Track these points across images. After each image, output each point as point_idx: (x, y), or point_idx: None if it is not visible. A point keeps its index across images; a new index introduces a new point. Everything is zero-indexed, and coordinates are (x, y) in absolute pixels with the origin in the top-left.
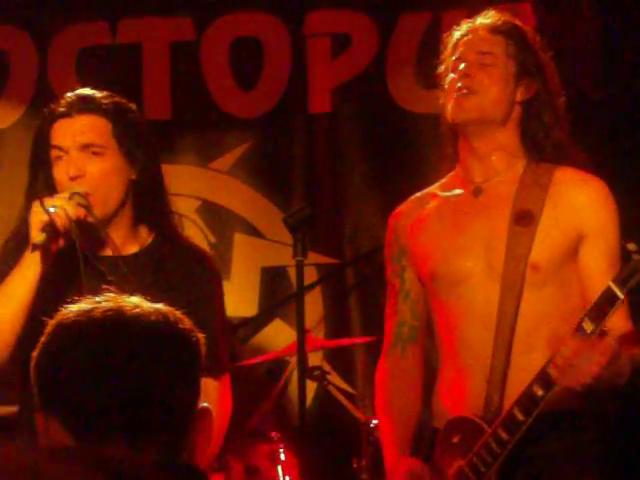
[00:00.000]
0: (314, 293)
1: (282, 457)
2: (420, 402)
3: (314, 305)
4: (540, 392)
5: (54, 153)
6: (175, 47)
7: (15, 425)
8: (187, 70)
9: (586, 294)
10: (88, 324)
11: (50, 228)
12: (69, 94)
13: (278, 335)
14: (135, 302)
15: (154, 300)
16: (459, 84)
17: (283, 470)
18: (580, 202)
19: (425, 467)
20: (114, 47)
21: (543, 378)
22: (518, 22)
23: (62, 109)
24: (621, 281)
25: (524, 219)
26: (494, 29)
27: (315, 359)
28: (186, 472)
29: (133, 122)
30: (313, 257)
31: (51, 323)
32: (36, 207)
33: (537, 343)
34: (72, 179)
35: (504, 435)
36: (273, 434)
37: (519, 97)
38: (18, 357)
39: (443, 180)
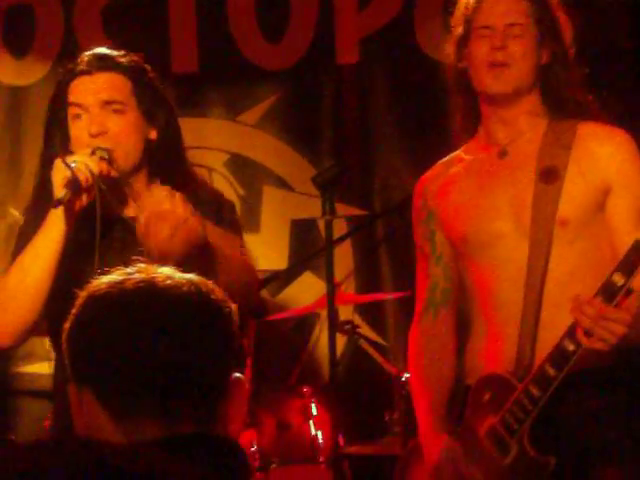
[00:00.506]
0: (344, 245)
1: (314, 412)
2: (454, 365)
3: (344, 258)
4: (571, 347)
5: (73, 111)
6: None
7: (50, 388)
8: (214, 22)
9: (614, 246)
10: (120, 296)
11: (73, 184)
12: (87, 53)
13: (309, 288)
14: (167, 273)
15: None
16: (493, 57)
17: (315, 425)
18: (604, 155)
19: (458, 444)
20: (139, 1)
21: (574, 333)
22: None
23: (81, 67)
24: None
25: (549, 176)
26: None
27: (346, 312)
28: (221, 445)
29: (151, 82)
30: (343, 209)
31: (82, 295)
32: (58, 164)
33: (568, 299)
34: (94, 136)
35: (535, 391)
36: (305, 389)
37: (543, 60)
38: (49, 320)
39: (467, 144)
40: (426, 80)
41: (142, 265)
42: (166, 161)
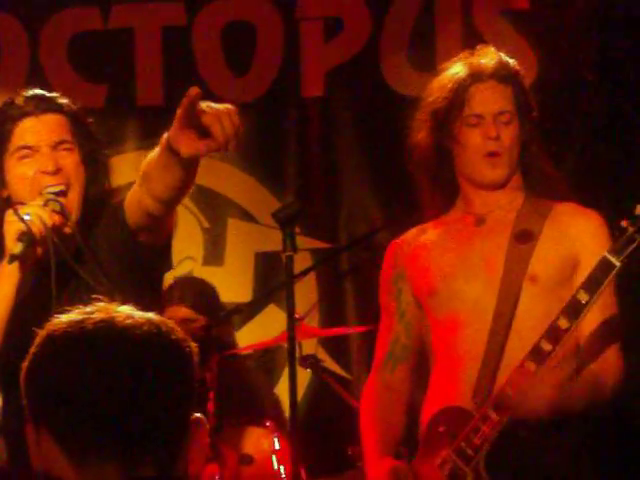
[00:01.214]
0: (308, 278)
1: (277, 446)
2: (405, 421)
3: (308, 291)
4: (532, 367)
5: (20, 153)
6: (167, 32)
7: None
8: (179, 55)
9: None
10: (80, 336)
11: (27, 237)
12: (23, 94)
13: (273, 321)
14: (127, 312)
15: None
16: (488, 148)
17: (278, 459)
18: (576, 228)
19: (408, 468)
20: (106, 32)
21: (536, 350)
22: (510, 59)
23: (26, 108)
24: (616, 251)
25: (524, 237)
26: (501, 78)
27: (309, 346)
28: None
29: (84, 118)
30: (307, 242)
31: (41, 334)
32: (10, 217)
33: (530, 342)
34: (50, 174)
35: (494, 415)
36: (267, 423)
37: (522, 139)
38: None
39: (442, 217)
40: (391, 113)
41: (102, 304)
42: (98, 201)
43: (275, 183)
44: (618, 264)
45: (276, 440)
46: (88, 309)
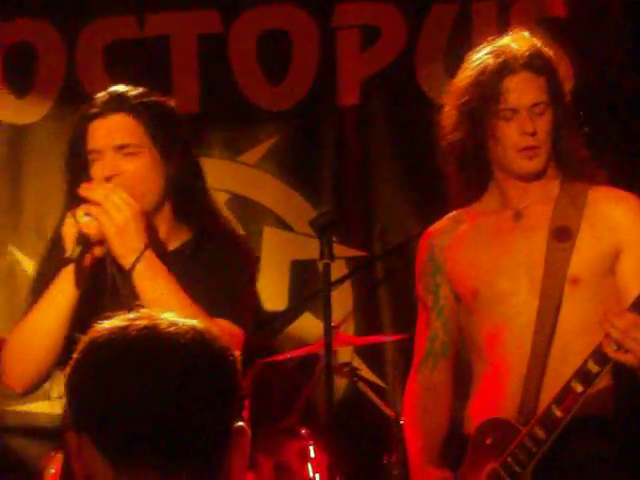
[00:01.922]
0: (344, 287)
1: (312, 454)
2: (449, 417)
3: (344, 299)
4: (579, 388)
5: (91, 157)
6: (203, 40)
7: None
8: (215, 63)
9: (625, 302)
10: (123, 342)
11: (83, 239)
12: (102, 92)
13: (308, 328)
14: (170, 320)
15: (188, 291)
16: (525, 142)
17: (313, 467)
18: (615, 219)
19: (453, 476)
20: (142, 41)
21: (583, 373)
22: (546, 47)
23: (94, 110)
24: None
25: (562, 235)
26: (534, 68)
27: (345, 354)
28: None
29: (166, 117)
30: (343, 250)
31: (84, 340)
32: (68, 218)
33: (573, 355)
34: (108, 179)
35: (541, 433)
36: (303, 431)
37: (556, 126)
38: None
39: (473, 206)
40: (427, 122)
41: (145, 311)
42: (187, 197)
43: (311, 191)
44: None
45: (311, 448)
46: (131, 315)
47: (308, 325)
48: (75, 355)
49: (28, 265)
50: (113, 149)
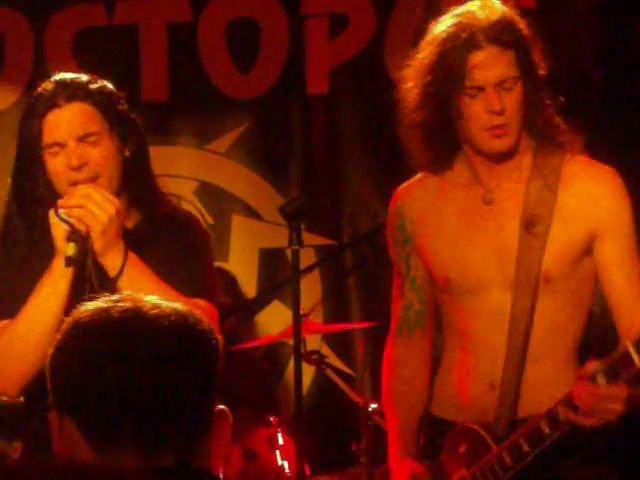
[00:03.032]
0: (312, 275)
1: (280, 441)
2: (427, 385)
3: (312, 287)
4: (547, 430)
5: (51, 150)
6: (172, 28)
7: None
8: (184, 51)
9: (605, 290)
10: (105, 323)
11: (75, 236)
12: (52, 80)
13: (277, 317)
14: (154, 302)
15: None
16: (492, 121)
17: (281, 454)
18: (591, 198)
19: (427, 472)
20: (111, 28)
21: (551, 417)
22: (515, 14)
23: (51, 101)
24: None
25: (535, 225)
26: (502, 42)
27: (313, 342)
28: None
29: (119, 102)
30: (311, 238)
31: (67, 321)
32: (53, 218)
33: (549, 352)
34: (75, 169)
35: (508, 460)
36: (271, 418)
37: (527, 98)
38: None
39: (446, 174)
40: (395, 110)
41: (129, 293)
42: (140, 180)
43: (279, 180)
44: (638, 364)
45: (280, 435)
46: (115, 297)
47: (277, 313)
48: (57, 336)
49: None
50: (76, 139)
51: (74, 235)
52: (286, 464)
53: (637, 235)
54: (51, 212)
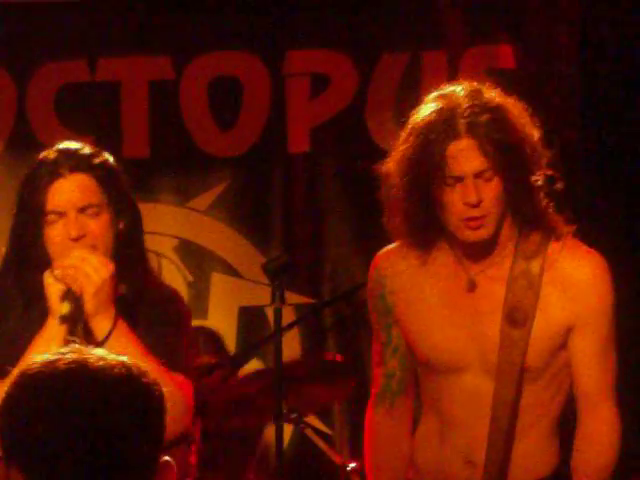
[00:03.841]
0: (292, 333)
1: None
2: (409, 450)
3: (292, 345)
4: None
5: (50, 218)
6: (154, 86)
7: None
8: (166, 109)
9: (576, 379)
10: (51, 375)
11: (70, 295)
12: (54, 150)
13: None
14: (100, 354)
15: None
16: (469, 213)
17: None
18: (573, 289)
19: None
20: (93, 85)
21: None
22: (494, 97)
23: (52, 169)
24: None
25: (517, 318)
26: (479, 134)
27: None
28: None
29: (117, 175)
30: (291, 297)
31: (15, 372)
32: (48, 278)
33: (533, 426)
34: (75, 240)
35: None
36: (250, 476)
37: (508, 188)
38: None
39: (429, 249)
40: (377, 170)
41: (77, 345)
42: (131, 254)
43: (260, 238)
44: None
45: None
46: (63, 350)
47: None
48: (6, 388)
49: None
50: (77, 210)
51: (68, 294)
52: None
53: (616, 325)
54: (47, 273)
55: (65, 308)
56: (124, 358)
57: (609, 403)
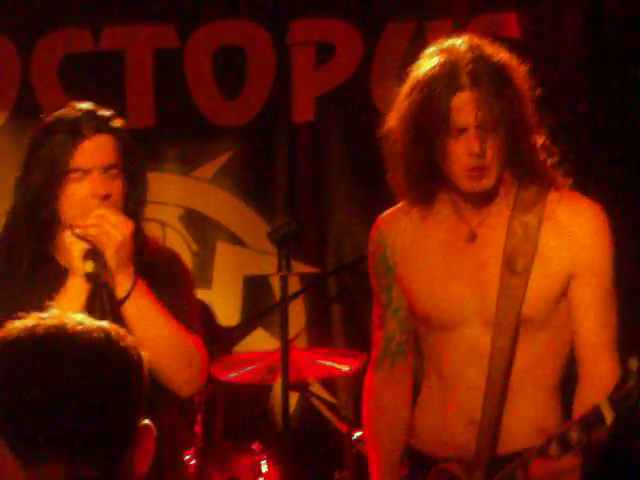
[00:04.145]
0: (296, 303)
1: (264, 469)
2: (409, 413)
3: (296, 315)
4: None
5: (73, 175)
6: (159, 54)
7: None
8: (170, 77)
9: (576, 331)
10: (30, 340)
11: (93, 253)
12: (74, 108)
13: (260, 344)
14: (79, 319)
15: None
16: (472, 163)
17: None
18: (574, 238)
19: None
20: (97, 54)
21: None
22: (499, 54)
23: (77, 130)
24: (612, 404)
25: (516, 264)
26: (482, 84)
27: None
28: None
29: (131, 140)
30: (296, 266)
31: None
32: (69, 237)
33: (529, 387)
34: (103, 198)
35: None
36: (255, 445)
37: (510, 139)
38: None
39: (430, 206)
40: (381, 139)
41: (55, 311)
42: (134, 216)
43: (265, 207)
44: (609, 422)
45: (264, 463)
46: (43, 315)
47: (260, 340)
48: None
49: None
50: (101, 169)
51: (92, 253)
52: None
53: (615, 275)
54: (67, 232)
55: (89, 266)
56: (103, 323)
57: (611, 355)
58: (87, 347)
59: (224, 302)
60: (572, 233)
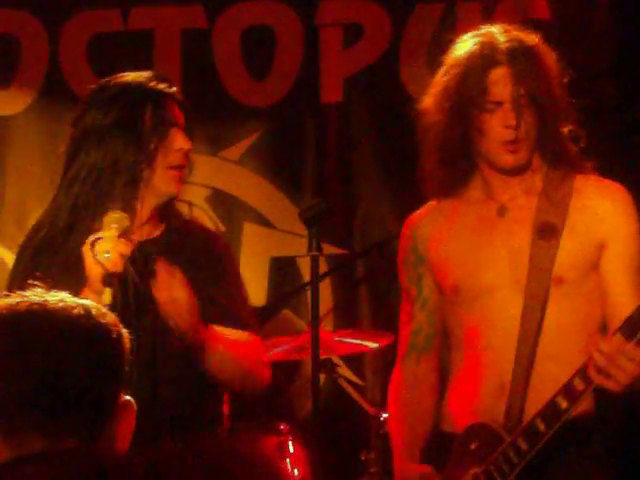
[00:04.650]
0: (323, 285)
1: (291, 449)
2: (434, 410)
3: (323, 297)
4: (564, 404)
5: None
6: (187, 35)
7: None
8: (199, 58)
9: (607, 303)
10: (12, 317)
11: (110, 279)
12: (149, 77)
13: (287, 326)
14: (60, 297)
15: None
16: (508, 136)
17: (292, 462)
18: (601, 212)
19: (436, 474)
20: (125, 34)
21: (569, 390)
22: (530, 39)
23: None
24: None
25: (547, 233)
26: (518, 61)
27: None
28: (101, 461)
29: None
30: (323, 248)
31: None
32: (88, 254)
33: (559, 354)
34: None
35: (523, 445)
36: (282, 426)
37: (540, 118)
38: None
39: (458, 195)
40: (409, 120)
41: (39, 289)
42: None
43: (292, 188)
44: None
45: (290, 443)
46: (26, 293)
47: (287, 323)
48: None
49: (8, 258)
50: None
51: (109, 278)
52: (296, 472)
53: None
54: (86, 246)
55: (108, 295)
56: (85, 300)
57: None
58: (66, 322)
59: (251, 283)
60: (599, 212)
